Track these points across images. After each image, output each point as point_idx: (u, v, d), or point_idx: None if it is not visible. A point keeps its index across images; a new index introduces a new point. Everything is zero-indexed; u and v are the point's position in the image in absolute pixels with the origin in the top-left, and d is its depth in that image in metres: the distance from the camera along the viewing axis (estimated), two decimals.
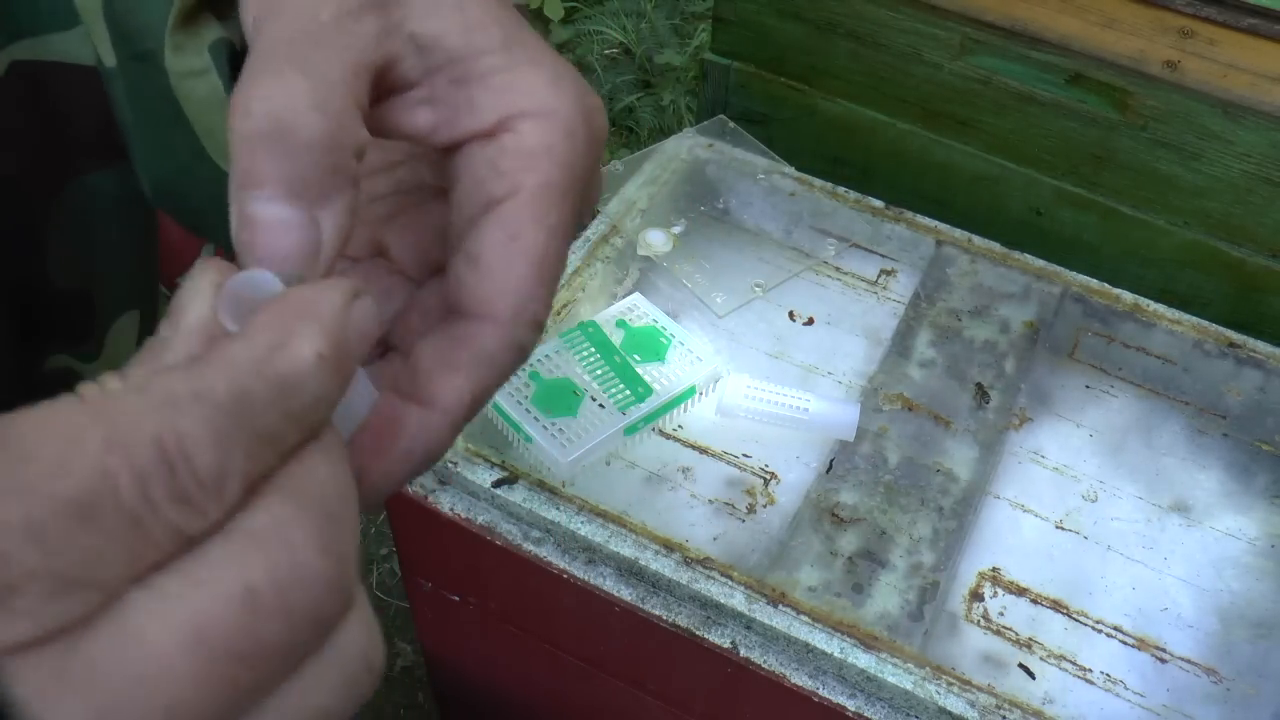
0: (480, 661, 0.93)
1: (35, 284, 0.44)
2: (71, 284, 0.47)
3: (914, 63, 0.94)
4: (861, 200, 0.91)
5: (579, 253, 0.86)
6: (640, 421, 0.74)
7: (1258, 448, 0.81)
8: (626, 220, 0.89)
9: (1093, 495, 0.77)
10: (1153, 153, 0.89)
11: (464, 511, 0.73)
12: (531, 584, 0.73)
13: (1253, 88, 0.83)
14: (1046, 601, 0.72)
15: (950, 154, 0.98)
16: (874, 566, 0.71)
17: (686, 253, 0.90)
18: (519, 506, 0.71)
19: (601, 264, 0.86)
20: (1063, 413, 0.82)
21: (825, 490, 0.74)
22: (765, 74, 1.02)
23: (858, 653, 0.65)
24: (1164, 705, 0.68)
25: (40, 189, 0.43)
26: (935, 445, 0.77)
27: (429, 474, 0.74)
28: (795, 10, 0.97)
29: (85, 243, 0.46)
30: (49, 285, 0.45)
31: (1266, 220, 0.87)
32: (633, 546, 0.69)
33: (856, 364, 0.84)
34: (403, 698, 1.52)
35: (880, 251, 0.92)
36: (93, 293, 0.48)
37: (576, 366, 0.76)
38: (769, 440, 0.78)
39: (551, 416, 0.73)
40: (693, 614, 0.69)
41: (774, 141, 0.98)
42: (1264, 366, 0.82)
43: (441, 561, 0.81)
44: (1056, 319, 0.86)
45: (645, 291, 0.85)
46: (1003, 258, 0.89)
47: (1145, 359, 0.85)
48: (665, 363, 0.77)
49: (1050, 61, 0.88)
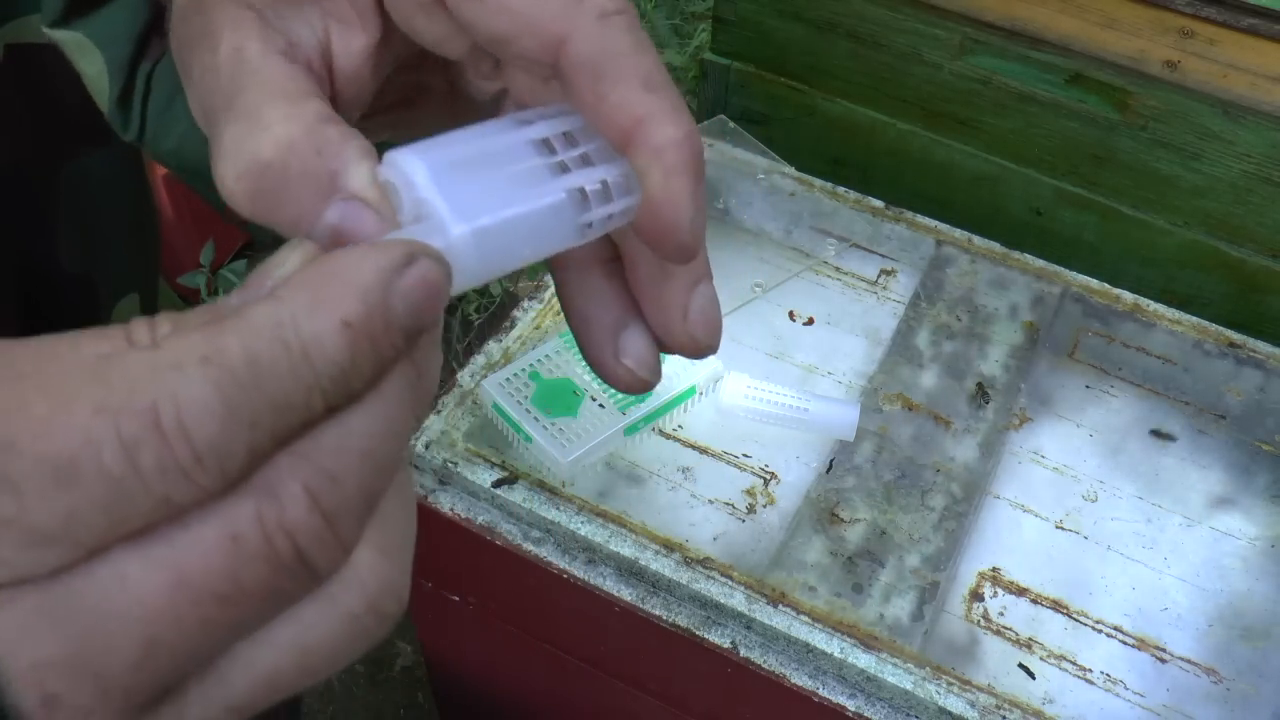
0: (480, 661, 0.93)
1: (42, 268, 0.45)
2: (76, 268, 0.47)
3: (914, 63, 0.94)
4: (861, 200, 0.91)
5: None
6: (640, 421, 0.74)
7: (1258, 448, 0.81)
8: None
9: (1093, 495, 0.77)
10: (1153, 153, 0.89)
11: (464, 511, 0.73)
12: (531, 584, 0.73)
13: (1253, 88, 0.83)
14: (1046, 601, 0.72)
15: (950, 154, 0.98)
16: (874, 566, 0.71)
17: None
18: (519, 506, 0.71)
19: None
20: (1063, 413, 0.82)
21: (825, 490, 0.74)
22: (765, 74, 1.02)
23: (858, 653, 0.65)
24: (1164, 705, 0.68)
25: (41, 172, 0.43)
26: (935, 445, 0.77)
27: (429, 474, 0.74)
28: (795, 10, 0.97)
29: (86, 225, 0.47)
30: (56, 269, 0.45)
31: (1266, 220, 0.87)
32: (633, 546, 0.69)
33: (856, 364, 0.84)
34: (403, 698, 1.52)
35: (880, 251, 0.92)
36: (94, 276, 0.48)
37: (576, 366, 0.76)
38: (769, 440, 0.78)
39: (551, 416, 0.73)
40: (693, 614, 0.69)
41: (774, 141, 0.98)
42: (1264, 366, 0.82)
43: (441, 561, 0.81)
44: (1056, 319, 0.86)
45: None
46: (1003, 258, 0.89)
47: (1145, 359, 0.85)
48: (665, 362, 0.77)
49: (1050, 61, 0.88)
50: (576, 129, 0.26)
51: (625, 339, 0.29)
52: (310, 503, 0.20)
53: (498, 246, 0.23)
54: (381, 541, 0.21)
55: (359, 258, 0.20)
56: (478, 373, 0.78)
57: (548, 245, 0.25)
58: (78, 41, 0.34)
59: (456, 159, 0.24)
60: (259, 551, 0.19)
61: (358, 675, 1.54)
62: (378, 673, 1.55)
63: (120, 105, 0.35)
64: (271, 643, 0.21)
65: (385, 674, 1.55)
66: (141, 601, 0.19)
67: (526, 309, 0.83)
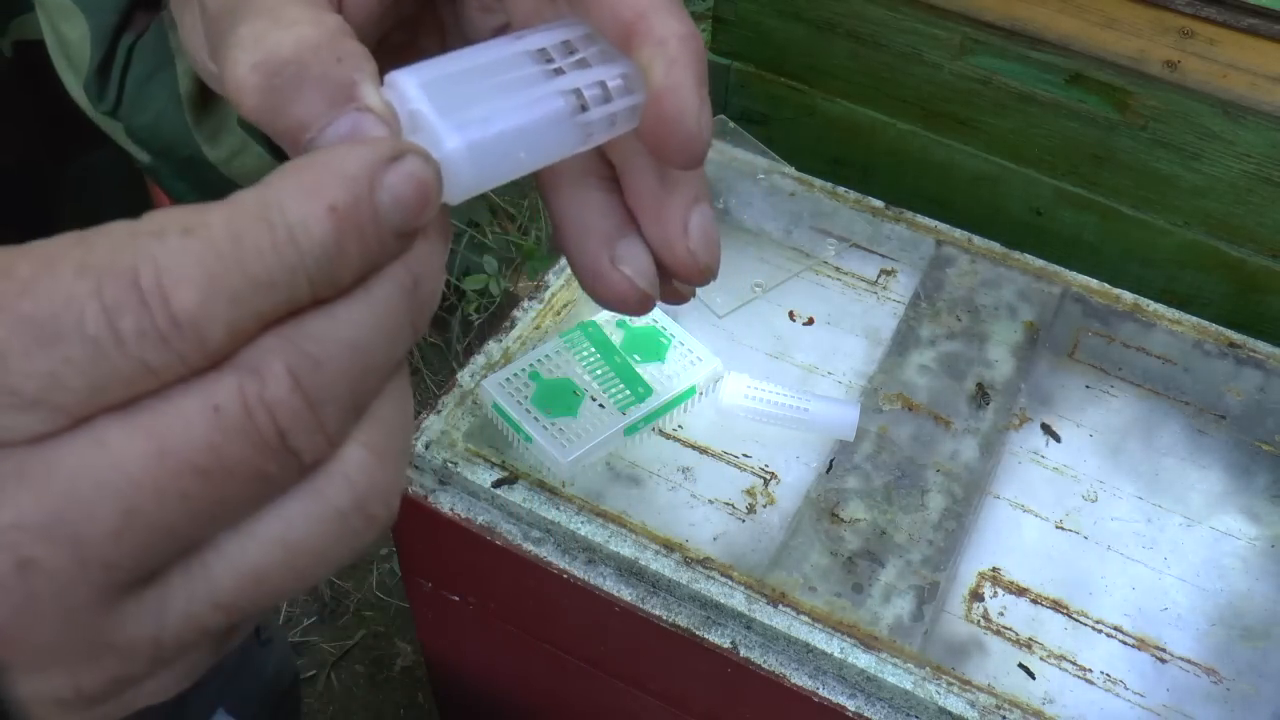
0: (480, 661, 0.93)
1: None
2: None
3: (914, 63, 0.94)
4: (861, 200, 0.91)
5: None
6: (640, 421, 0.74)
7: (1258, 448, 0.81)
8: None
9: (1093, 495, 0.77)
10: (1153, 153, 0.89)
11: (464, 511, 0.73)
12: (531, 584, 0.73)
13: (1253, 88, 0.83)
14: (1046, 601, 0.72)
15: (950, 154, 0.98)
16: (874, 566, 0.71)
17: None
18: (519, 506, 0.71)
19: None
20: (1063, 413, 0.82)
21: (825, 490, 0.74)
22: (765, 74, 1.02)
23: (858, 653, 0.65)
24: (1164, 705, 0.68)
25: (49, 168, 0.43)
26: (935, 445, 0.77)
27: (429, 474, 0.74)
28: (795, 10, 0.97)
29: (94, 220, 0.47)
30: None
31: (1266, 220, 0.87)
32: (633, 546, 0.69)
33: (856, 364, 0.84)
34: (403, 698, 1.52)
35: (880, 251, 0.92)
36: None
37: (576, 366, 0.76)
38: (769, 440, 0.78)
39: (551, 416, 0.73)
40: (693, 614, 0.69)
41: (774, 141, 0.98)
42: (1264, 366, 0.82)
43: (441, 561, 0.81)
44: (1056, 319, 0.86)
45: None
46: (1003, 258, 0.89)
47: (1145, 359, 0.85)
48: (665, 363, 0.77)
49: (1050, 61, 0.88)
50: (575, 37, 0.26)
51: (623, 247, 0.28)
52: (292, 383, 0.19)
53: (494, 156, 0.24)
54: (373, 442, 0.21)
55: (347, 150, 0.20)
56: (478, 373, 0.78)
57: (547, 151, 0.25)
58: (61, 5, 0.34)
59: (452, 73, 0.24)
60: (239, 425, 0.19)
61: (358, 675, 1.54)
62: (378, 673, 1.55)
63: (99, 74, 0.35)
64: (256, 536, 0.20)
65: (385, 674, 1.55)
66: (122, 469, 0.18)
67: (526, 309, 0.83)
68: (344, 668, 1.55)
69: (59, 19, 0.34)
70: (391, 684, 1.53)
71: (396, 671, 1.54)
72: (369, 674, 1.55)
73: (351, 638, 1.57)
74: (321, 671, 1.54)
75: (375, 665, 1.55)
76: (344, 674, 1.54)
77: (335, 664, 1.55)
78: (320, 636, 1.57)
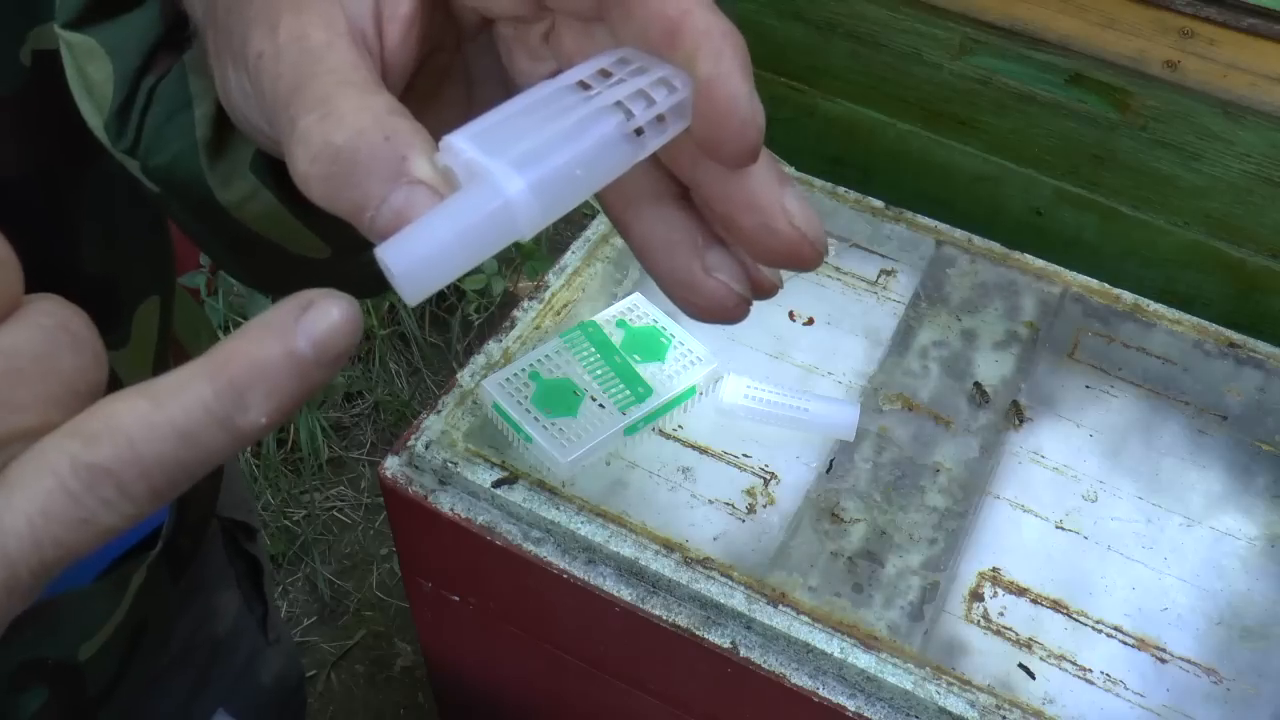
0: (480, 661, 0.93)
1: (66, 272, 0.45)
2: (99, 270, 0.47)
3: (914, 63, 0.94)
4: (861, 200, 0.92)
5: (579, 253, 0.86)
6: (640, 421, 0.74)
7: (1258, 448, 0.81)
8: None
9: (1093, 495, 0.77)
10: (1153, 153, 0.89)
11: (464, 511, 0.73)
12: (531, 584, 0.73)
13: (1253, 88, 0.83)
14: (1046, 601, 0.72)
15: (950, 154, 0.98)
16: (874, 566, 0.71)
17: None
18: (519, 506, 0.71)
19: (601, 264, 0.86)
20: (1063, 413, 0.82)
21: (825, 490, 0.74)
22: (765, 74, 1.02)
23: (858, 653, 0.65)
24: (1164, 705, 0.68)
25: (68, 175, 0.43)
26: (935, 445, 0.77)
27: (429, 474, 0.74)
28: (795, 10, 0.97)
29: (110, 229, 0.47)
30: (80, 272, 0.45)
31: (1266, 220, 0.87)
32: (633, 546, 0.69)
33: (856, 364, 0.84)
34: (403, 698, 1.52)
35: (880, 251, 0.92)
36: (118, 278, 0.48)
37: (576, 366, 0.76)
38: (769, 440, 0.78)
39: (551, 416, 0.73)
40: (693, 614, 0.69)
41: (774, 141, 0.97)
42: (1264, 366, 0.82)
43: (441, 561, 0.81)
44: (1056, 319, 0.86)
45: (645, 291, 0.85)
46: (1003, 258, 0.89)
47: (1145, 359, 0.85)
48: (665, 363, 0.77)
49: (1050, 61, 0.88)
50: (610, 63, 0.26)
51: (712, 256, 0.28)
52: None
53: (556, 184, 0.24)
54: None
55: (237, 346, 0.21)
56: (478, 373, 0.78)
57: (603, 166, 0.25)
58: (88, 46, 0.34)
59: (498, 121, 0.25)
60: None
61: (358, 675, 1.54)
62: (378, 673, 1.55)
63: (119, 115, 0.35)
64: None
65: (385, 674, 1.55)
66: None
67: (526, 309, 0.83)
68: (344, 668, 1.55)
69: (84, 60, 0.34)
70: (391, 684, 1.53)
71: (396, 671, 1.54)
72: (369, 674, 1.55)
73: (351, 638, 1.57)
74: (321, 671, 1.54)
75: (375, 665, 1.55)
76: (344, 674, 1.54)
77: (335, 664, 1.55)
78: (320, 636, 1.57)
